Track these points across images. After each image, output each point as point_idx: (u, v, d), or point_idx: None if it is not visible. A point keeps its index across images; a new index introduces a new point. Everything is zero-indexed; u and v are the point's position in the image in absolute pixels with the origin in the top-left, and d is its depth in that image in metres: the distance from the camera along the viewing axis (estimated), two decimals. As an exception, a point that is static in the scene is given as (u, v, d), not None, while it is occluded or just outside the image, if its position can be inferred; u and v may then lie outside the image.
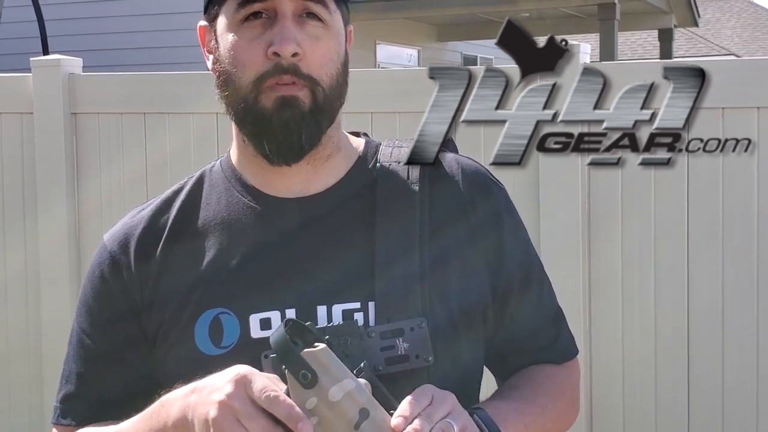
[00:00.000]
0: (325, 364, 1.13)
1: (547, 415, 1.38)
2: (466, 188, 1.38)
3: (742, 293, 3.13)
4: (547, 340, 1.45)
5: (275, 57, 1.27)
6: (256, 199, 1.36)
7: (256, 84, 1.29)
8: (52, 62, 3.98)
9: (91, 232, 3.91)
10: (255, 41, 1.29)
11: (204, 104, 3.74)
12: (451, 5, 11.46)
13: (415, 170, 1.36)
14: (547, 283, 1.47)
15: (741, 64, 4.58)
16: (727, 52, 21.54)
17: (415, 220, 1.32)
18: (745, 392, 3.14)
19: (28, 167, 3.99)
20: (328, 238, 1.33)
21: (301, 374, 1.12)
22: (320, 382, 1.12)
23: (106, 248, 1.39)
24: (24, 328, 4.02)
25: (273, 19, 1.29)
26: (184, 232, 1.36)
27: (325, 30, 1.31)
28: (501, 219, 1.39)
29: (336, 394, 1.12)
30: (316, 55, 1.29)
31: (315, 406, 1.12)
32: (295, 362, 1.12)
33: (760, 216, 3.10)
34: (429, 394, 1.17)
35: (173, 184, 1.43)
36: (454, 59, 14.54)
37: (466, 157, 1.44)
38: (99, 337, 1.39)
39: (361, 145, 1.42)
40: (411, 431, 1.12)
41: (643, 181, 3.22)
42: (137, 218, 1.39)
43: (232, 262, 1.33)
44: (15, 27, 10.05)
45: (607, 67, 3.35)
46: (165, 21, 9.95)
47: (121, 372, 1.37)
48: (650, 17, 13.15)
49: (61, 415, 1.41)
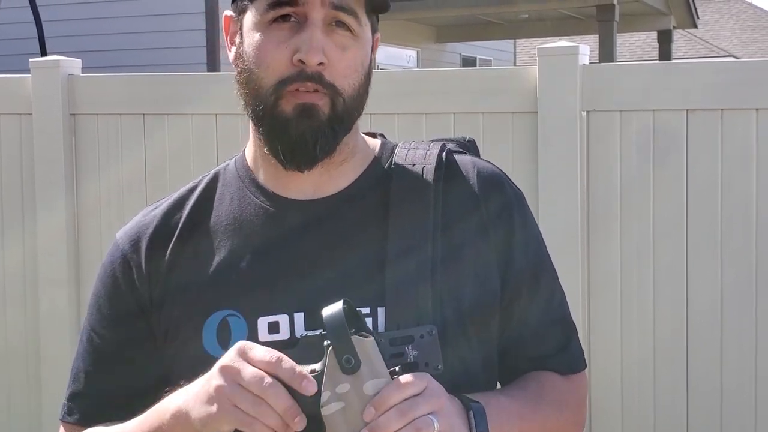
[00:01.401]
0: (370, 356, 1.14)
1: (548, 425, 1.36)
2: (480, 190, 1.37)
3: (741, 294, 3.13)
4: (554, 348, 1.43)
5: (300, 64, 1.27)
6: (268, 200, 1.35)
7: (277, 87, 1.28)
8: (51, 63, 3.98)
9: (90, 233, 3.91)
10: (282, 44, 1.28)
11: (203, 105, 3.74)
12: (450, 6, 11.46)
13: (430, 171, 1.35)
14: (559, 291, 1.45)
15: (740, 65, 4.58)
16: (725, 53, 21.55)
17: (429, 222, 1.31)
18: (743, 393, 3.14)
19: (27, 168, 3.99)
20: (339, 242, 1.32)
21: (345, 358, 1.12)
22: (360, 371, 1.13)
23: (118, 247, 1.39)
24: (22, 328, 4.01)
25: (302, 24, 1.28)
26: (196, 231, 1.36)
27: (354, 40, 1.30)
28: (512, 220, 1.38)
29: (370, 388, 1.13)
30: (342, 65, 1.29)
31: (345, 393, 1.13)
32: (344, 344, 1.13)
33: (759, 217, 3.10)
34: (421, 385, 1.16)
35: (173, 186, 1.43)
36: (453, 60, 14.55)
37: (484, 160, 1.43)
38: (108, 335, 1.39)
39: (377, 146, 1.42)
40: (375, 427, 1.12)
41: (642, 181, 3.22)
42: (150, 216, 1.40)
43: (242, 263, 1.33)
44: (13, 28, 10.05)
45: (606, 69, 3.36)
46: (164, 22, 9.95)
47: (130, 370, 1.38)
48: (649, 19, 13.16)
49: (68, 412, 1.42)
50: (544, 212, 3.26)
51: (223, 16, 1.38)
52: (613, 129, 3.25)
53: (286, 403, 1.14)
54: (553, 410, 1.38)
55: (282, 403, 1.14)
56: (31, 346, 3.99)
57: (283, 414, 1.13)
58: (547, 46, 3.34)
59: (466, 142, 1.47)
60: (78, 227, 3.95)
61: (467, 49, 14.88)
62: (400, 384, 1.15)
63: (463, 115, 3.42)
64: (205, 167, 1.42)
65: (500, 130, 3.36)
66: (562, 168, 3.26)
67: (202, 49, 9.85)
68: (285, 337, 1.27)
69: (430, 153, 1.37)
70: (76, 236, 3.94)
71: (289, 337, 1.27)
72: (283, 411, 1.14)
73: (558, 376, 1.42)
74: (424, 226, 1.31)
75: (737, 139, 3.13)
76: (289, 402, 1.14)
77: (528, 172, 3.31)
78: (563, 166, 3.26)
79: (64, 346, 3.86)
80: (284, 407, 1.14)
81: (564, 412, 1.40)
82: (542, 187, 3.29)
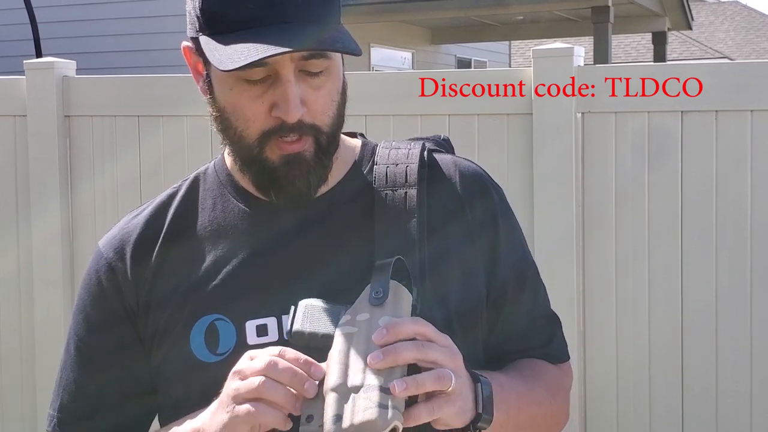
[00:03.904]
0: (399, 299, 1.18)
1: (542, 406, 1.37)
2: (463, 190, 1.37)
3: (736, 296, 3.13)
4: (541, 340, 1.45)
5: (280, 119, 1.25)
6: (250, 205, 1.35)
7: (260, 140, 1.27)
8: (45, 65, 3.97)
9: (85, 235, 3.91)
10: (258, 99, 1.26)
11: (198, 107, 3.71)
12: (445, 8, 11.46)
13: (412, 172, 1.34)
14: (542, 286, 1.47)
15: (734, 67, 4.60)
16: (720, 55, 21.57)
17: (413, 222, 1.31)
18: (739, 396, 3.14)
19: (22, 170, 3.98)
20: (325, 243, 1.32)
21: (375, 290, 1.18)
22: (384, 306, 1.16)
23: (101, 254, 1.39)
24: (17, 331, 4.01)
25: (274, 78, 1.25)
26: (180, 236, 1.36)
27: (326, 76, 1.27)
28: (497, 221, 1.39)
29: (384, 321, 1.15)
30: (320, 104, 1.27)
31: (363, 321, 1.15)
32: (383, 279, 1.19)
33: (754, 218, 3.11)
34: (447, 340, 1.17)
35: (167, 187, 1.43)
36: (448, 62, 14.55)
37: (463, 159, 1.43)
38: (95, 342, 1.38)
39: (358, 147, 1.41)
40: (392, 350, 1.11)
41: (637, 183, 3.22)
42: (132, 223, 1.39)
43: (228, 267, 1.32)
44: (8, 30, 10.04)
45: (601, 71, 3.36)
46: (159, 23, 9.94)
47: (117, 378, 1.37)
48: (644, 20, 13.18)
49: (57, 423, 1.41)
50: (538, 214, 3.27)
51: (182, 47, 1.34)
52: (608, 131, 3.25)
53: (290, 371, 1.12)
54: (547, 394, 1.39)
55: (290, 369, 1.13)
56: (25, 348, 3.98)
57: (290, 383, 1.12)
58: (542, 48, 3.34)
59: (441, 140, 1.47)
60: (73, 229, 3.94)
61: (462, 50, 14.89)
62: (420, 320, 1.16)
63: (458, 117, 3.41)
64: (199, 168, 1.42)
65: (495, 131, 3.36)
66: (557, 169, 3.26)
67: (197, 51, 9.83)
68: (274, 339, 1.26)
69: (411, 152, 1.37)
70: (71, 238, 3.94)
71: (277, 339, 1.26)
72: (290, 380, 1.12)
73: (548, 363, 1.44)
74: (410, 226, 1.31)
75: (732, 140, 3.14)
76: (291, 370, 1.12)
77: (523, 173, 3.31)
78: (558, 167, 3.26)
79: (58, 349, 3.84)
80: (291, 374, 1.12)
81: (556, 397, 1.42)
82: (537, 188, 3.29)
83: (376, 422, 1.06)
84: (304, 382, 1.12)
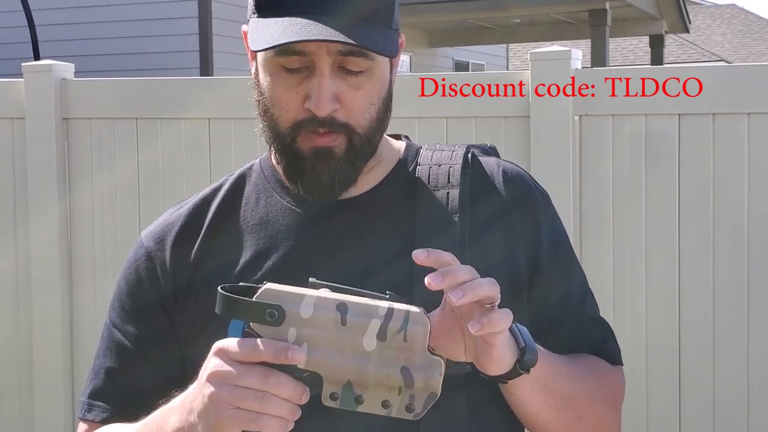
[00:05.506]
0: (279, 295, 1.13)
1: (584, 387, 1.34)
2: (507, 192, 1.38)
3: (734, 298, 3.13)
4: (593, 342, 1.42)
5: (310, 111, 1.26)
6: (294, 201, 1.36)
7: (292, 129, 1.29)
8: (43, 67, 3.97)
9: (83, 238, 3.91)
10: (292, 89, 1.27)
11: (196, 110, 3.73)
12: (442, 11, 11.48)
13: (455, 173, 1.35)
14: (590, 292, 1.45)
15: (731, 70, 4.60)
16: (717, 58, 21.59)
17: (455, 224, 1.32)
18: (736, 397, 3.14)
19: (20, 172, 3.98)
20: (366, 241, 1.33)
21: (268, 313, 1.12)
22: (287, 311, 1.12)
23: (142, 245, 1.40)
24: (14, 333, 4.00)
25: (311, 69, 1.26)
26: (222, 231, 1.37)
27: (367, 77, 1.28)
28: (540, 225, 1.39)
29: (306, 311, 1.12)
30: (356, 104, 1.28)
31: (297, 334, 1.12)
32: (254, 310, 1.12)
33: (751, 221, 3.11)
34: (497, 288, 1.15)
35: (165, 190, 1.44)
36: (445, 65, 14.56)
37: (508, 162, 1.43)
38: (130, 330, 1.39)
39: (402, 148, 1.42)
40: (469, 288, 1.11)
41: (634, 186, 3.23)
42: (175, 215, 1.41)
43: (269, 262, 1.33)
44: (6, 32, 10.04)
45: (598, 73, 3.37)
46: (157, 26, 9.95)
47: (150, 368, 1.38)
48: (641, 23, 13.19)
49: (87, 409, 1.41)
50: (536, 216, 3.27)
51: (242, 30, 1.36)
52: (606, 133, 3.26)
53: (289, 386, 1.11)
54: (592, 378, 1.36)
55: (286, 388, 1.11)
56: (23, 351, 3.98)
57: (291, 397, 1.11)
58: (539, 51, 3.35)
59: (487, 148, 1.47)
60: (71, 232, 3.94)
61: (460, 53, 14.90)
62: (470, 267, 1.15)
63: (456, 120, 3.42)
64: (197, 171, 1.42)
65: (493, 134, 3.37)
66: (555, 172, 3.26)
67: (195, 54, 9.85)
68: None
69: (455, 154, 1.38)
70: (69, 241, 3.94)
71: None
72: (291, 394, 1.11)
73: (599, 358, 1.42)
74: (452, 228, 1.31)
75: (729, 143, 3.14)
76: (293, 383, 1.11)
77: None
78: (555, 170, 3.27)
79: (56, 351, 3.85)
80: (290, 391, 1.11)
81: (603, 385, 1.39)
82: (535, 191, 3.28)
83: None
84: (302, 393, 1.11)
